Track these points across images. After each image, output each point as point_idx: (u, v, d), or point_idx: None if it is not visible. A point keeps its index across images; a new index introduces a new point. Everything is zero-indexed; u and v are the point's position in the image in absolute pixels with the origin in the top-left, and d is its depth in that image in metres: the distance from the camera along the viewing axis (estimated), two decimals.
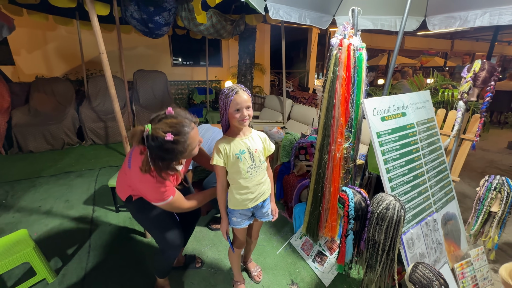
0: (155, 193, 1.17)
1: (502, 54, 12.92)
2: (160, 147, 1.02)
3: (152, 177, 1.12)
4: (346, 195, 1.32)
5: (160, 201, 1.18)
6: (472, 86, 1.64)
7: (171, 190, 1.21)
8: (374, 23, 2.45)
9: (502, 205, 1.60)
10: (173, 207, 1.25)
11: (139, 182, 1.18)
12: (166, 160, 1.08)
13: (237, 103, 1.13)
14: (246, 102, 1.14)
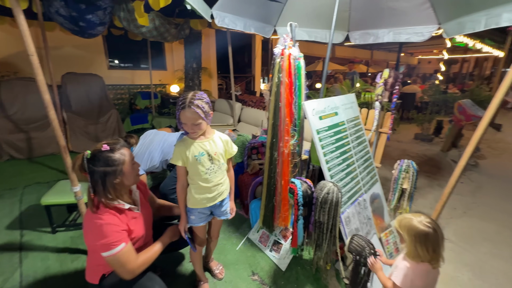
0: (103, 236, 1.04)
1: (408, 63, 15.88)
2: (98, 161, 1.06)
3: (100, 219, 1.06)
4: (295, 185, 1.51)
5: (108, 248, 1.04)
6: (384, 89, 2.05)
7: (123, 236, 1.08)
8: (309, 35, 2.79)
9: (410, 182, 2.04)
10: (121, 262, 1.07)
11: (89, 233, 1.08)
12: (108, 176, 1.07)
13: (182, 118, 1.20)
14: (192, 120, 1.18)
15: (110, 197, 1.09)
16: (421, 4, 2.06)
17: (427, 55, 13.55)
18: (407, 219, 1.11)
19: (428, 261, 1.05)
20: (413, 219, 1.09)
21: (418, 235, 1.04)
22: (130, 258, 1.10)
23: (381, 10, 2.30)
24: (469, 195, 3.26)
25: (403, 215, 1.16)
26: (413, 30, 2.27)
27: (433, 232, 1.04)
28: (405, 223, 1.10)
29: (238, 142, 2.52)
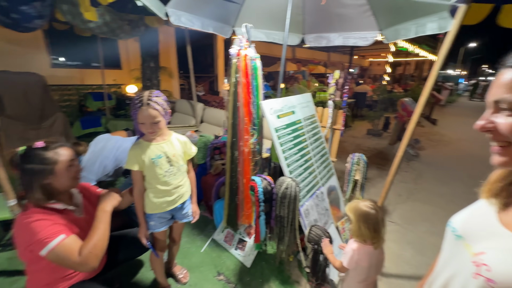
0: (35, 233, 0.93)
1: (361, 65, 17.27)
2: (28, 158, 0.98)
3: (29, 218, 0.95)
4: (255, 182, 1.55)
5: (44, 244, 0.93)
6: (335, 89, 2.22)
7: (60, 229, 0.98)
8: (267, 36, 2.87)
9: (361, 174, 2.24)
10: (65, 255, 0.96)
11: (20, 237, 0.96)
12: (35, 175, 0.98)
13: (140, 117, 1.15)
14: (150, 119, 1.15)
15: (39, 198, 0.99)
16: (364, 12, 2.27)
17: (376, 58, 14.88)
18: (354, 203, 1.25)
19: (371, 240, 1.18)
20: (359, 203, 1.23)
21: (362, 215, 1.18)
22: (74, 248, 0.98)
23: (331, 15, 2.48)
24: (412, 182, 3.69)
25: (351, 202, 1.28)
26: (359, 35, 2.49)
27: (374, 213, 1.18)
28: (352, 206, 1.24)
29: (200, 143, 2.48)
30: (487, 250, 0.54)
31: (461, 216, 0.67)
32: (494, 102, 0.50)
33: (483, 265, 0.52)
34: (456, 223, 0.66)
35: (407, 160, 4.52)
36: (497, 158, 0.51)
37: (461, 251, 0.60)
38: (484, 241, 0.57)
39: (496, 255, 0.52)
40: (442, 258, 0.69)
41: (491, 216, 0.59)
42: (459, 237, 0.62)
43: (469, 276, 0.54)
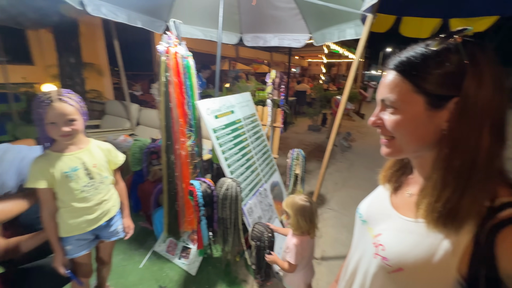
0: None
1: (301, 65, 18.48)
2: None
3: None
4: (194, 186, 1.49)
5: None
6: (273, 88, 2.30)
7: None
8: (205, 34, 2.79)
9: (301, 168, 2.38)
10: None
11: None
12: None
13: (51, 116, 0.97)
14: (64, 116, 0.98)
15: None
16: (295, 15, 2.41)
17: (314, 59, 16.15)
18: (290, 198, 1.32)
19: (307, 230, 1.27)
20: (295, 197, 1.30)
21: (299, 209, 1.26)
22: None
23: (266, 16, 2.55)
24: (346, 171, 4.12)
25: (287, 198, 1.34)
26: (292, 37, 2.63)
27: (309, 205, 1.27)
28: (289, 201, 1.30)
29: (135, 148, 2.26)
30: (383, 231, 0.60)
31: (365, 202, 0.74)
32: (381, 101, 0.54)
33: (379, 245, 0.57)
34: (362, 209, 0.72)
35: (341, 151, 5.03)
36: (384, 150, 0.56)
37: (366, 234, 0.66)
38: (381, 223, 0.62)
39: (388, 235, 0.58)
40: (353, 242, 0.75)
41: (386, 200, 0.65)
42: (364, 222, 0.68)
43: (371, 256, 0.59)
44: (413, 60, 0.47)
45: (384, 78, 0.54)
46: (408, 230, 0.54)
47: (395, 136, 0.52)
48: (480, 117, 0.43)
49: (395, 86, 0.49)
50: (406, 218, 0.56)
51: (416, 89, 0.47)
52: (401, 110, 0.50)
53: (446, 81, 0.44)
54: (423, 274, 0.50)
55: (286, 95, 6.28)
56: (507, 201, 0.43)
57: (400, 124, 0.50)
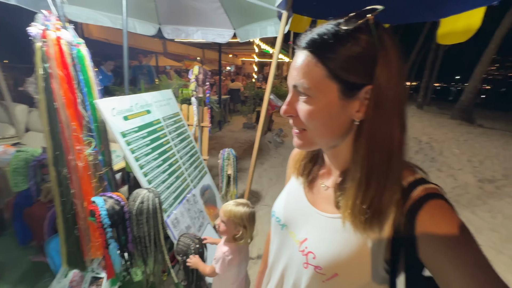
0: None
1: (235, 64, 18.59)
2: None
3: None
4: (96, 205, 1.21)
5: None
6: (196, 85, 2.14)
7: None
8: (113, 21, 2.38)
9: (232, 168, 2.31)
10: None
11: None
12: None
13: None
14: None
15: None
16: (217, 8, 2.30)
17: (247, 58, 16.46)
18: (229, 207, 1.20)
19: (249, 238, 1.20)
20: (234, 207, 1.19)
21: (242, 217, 1.17)
22: None
23: (186, 7, 2.35)
24: (280, 166, 4.30)
25: (223, 206, 1.23)
26: (216, 32, 2.51)
27: (248, 210, 1.20)
28: (226, 210, 1.19)
29: (18, 161, 1.74)
30: (308, 235, 0.54)
31: (280, 202, 0.66)
32: (293, 87, 0.47)
33: (309, 253, 0.51)
34: (278, 211, 0.64)
35: (275, 147, 5.24)
36: (297, 141, 0.51)
37: (288, 240, 0.59)
38: (303, 225, 0.56)
39: (315, 239, 0.52)
40: (273, 249, 0.66)
41: (301, 197, 0.60)
42: (284, 226, 0.61)
43: (300, 266, 0.53)
44: (326, 39, 0.42)
45: (295, 59, 0.47)
46: (334, 229, 0.50)
47: (308, 127, 0.47)
48: (392, 107, 0.42)
49: (309, 70, 0.44)
50: (328, 215, 0.52)
51: (329, 75, 0.42)
52: (315, 98, 0.45)
53: (359, 66, 0.41)
54: (358, 272, 0.47)
55: (219, 93, 6.17)
56: (413, 180, 0.44)
57: (314, 114, 0.45)
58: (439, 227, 0.39)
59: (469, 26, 1.39)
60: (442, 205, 0.41)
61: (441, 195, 0.42)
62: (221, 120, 6.12)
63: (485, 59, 8.33)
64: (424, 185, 0.43)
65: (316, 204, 0.56)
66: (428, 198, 0.41)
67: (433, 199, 0.41)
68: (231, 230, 1.19)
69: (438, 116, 10.15)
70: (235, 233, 1.19)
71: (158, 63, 9.46)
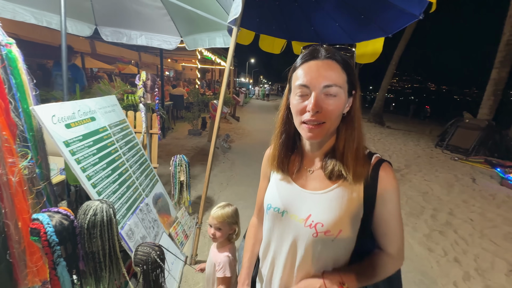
0: None
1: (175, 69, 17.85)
2: None
3: None
4: (40, 222, 1.09)
5: None
6: (144, 91, 2.08)
7: None
8: (38, 18, 2.09)
9: (185, 174, 2.30)
10: None
11: None
12: None
13: None
14: None
15: None
16: (163, 15, 2.29)
17: (188, 63, 16.07)
18: (219, 213, 1.29)
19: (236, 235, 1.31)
20: (222, 210, 1.30)
21: (232, 216, 1.29)
22: None
23: (128, 10, 2.26)
24: (229, 170, 4.40)
25: (212, 214, 1.30)
26: (162, 38, 2.49)
27: (235, 207, 1.34)
28: (218, 215, 1.28)
29: None
30: (310, 211, 0.67)
31: (272, 196, 0.76)
32: (323, 87, 0.60)
33: (317, 223, 0.64)
34: (275, 203, 0.74)
35: (223, 152, 5.33)
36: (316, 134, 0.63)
37: (290, 223, 0.69)
38: (302, 206, 0.68)
39: (318, 212, 0.66)
40: (275, 237, 0.75)
41: (292, 185, 0.72)
42: (284, 212, 0.71)
43: (309, 238, 0.65)
44: (342, 56, 0.63)
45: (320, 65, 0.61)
46: (328, 200, 0.66)
47: (330, 119, 0.62)
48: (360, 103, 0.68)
49: (338, 75, 0.61)
50: (320, 192, 0.67)
51: (347, 79, 0.62)
52: (340, 96, 0.61)
53: (354, 77, 0.64)
54: (353, 223, 0.65)
55: (162, 99, 5.89)
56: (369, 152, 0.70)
57: (338, 109, 0.62)
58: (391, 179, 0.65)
59: (374, 50, 1.83)
60: (389, 166, 0.67)
61: (385, 159, 0.68)
62: (164, 127, 5.85)
63: (388, 73, 10.44)
64: (375, 155, 0.69)
65: (306, 187, 0.70)
66: (382, 162, 0.67)
67: (384, 162, 0.67)
68: (226, 232, 1.28)
69: None
70: (231, 233, 1.29)
71: (85, 64, 8.38)
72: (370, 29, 1.74)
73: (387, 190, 0.64)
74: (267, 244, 0.79)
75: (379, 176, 0.64)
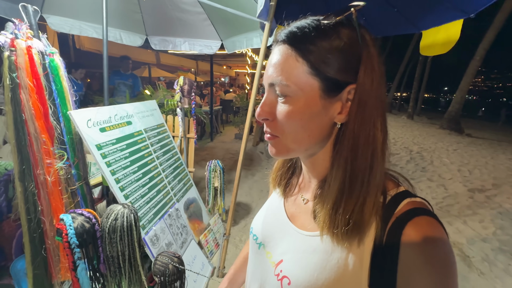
0: None
1: (229, 75, 18.80)
2: None
3: None
4: (63, 223, 1.13)
5: None
6: (181, 96, 2.10)
7: None
8: (98, 32, 2.35)
9: (219, 180, 2.24)
10: None
11: None
12: None
13: None
14: None
15: None
16: (204, 20, 2.30)
17: (240, 69, 16.69)
18: None
19: None
20: None
21: None
22: None
23: (172, 19, 2.35)
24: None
25: None
26: (204, 43, 2.51)
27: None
28: None
29: None
30: (283, 256, 0.49)
31: (259, 218, 0.62)
32: (269, 85, 0.44)
33: (284, 277, 0.46)
34: (256, 228, 0.60)
35: (267, 158, 5.20)
36: (272, 149, 0.47)
37: (264, 262, 0.54)
38: (279, 244, 0.52)
39: (291, 261, 0.48)
40: (250, 271, 0.61)
41: (280, 211, 0.56)
42: (261, 245, 0.56)
43: None
44: (306, 32, 0.40)
45: (272, 56, 0.43)
46: (311, 249, 0.45)
47: (286, 131, 0.43)
48: (375, 108, 0.40)
49: (288, 66, 0.40)
50: (305, 233, 0.48)
51: (311, 70, 0.39)
52: (294, 97, 0.41)
53: (342, 62, 0.39)
54: None
55: (211, 103, 6.15)
56: (396, 193, 0.41)
57: (294, 116, 0.41)
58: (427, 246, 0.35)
59: (449, 38, 1.41)
60: (431, 222, 0.37)
61: (429, 210, 0.39)
62: (212, 131, 6.08)
63: (470, 71, 8.62)
64: (410, 199, 0.40)
65: (295, 220, 0.52)
66: (415, 214, 0.38)
67: (420, 215, 0.38)
68: None
69: (428, 126, 10.35)
70: None
71: (151, 74, 9.48)
72: (442, 11, 1.34)
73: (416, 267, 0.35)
74: (248, 271, 0.63)
75: (403, 237, 0.37)
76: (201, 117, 3.32)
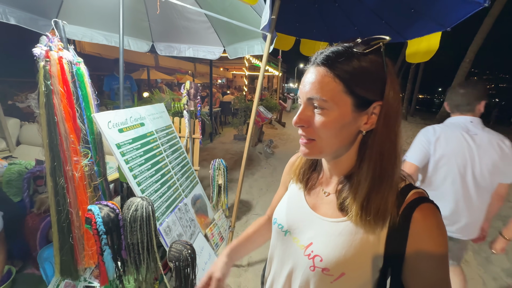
0: None
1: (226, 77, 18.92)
2: None
3: None
4: (92, 212, 1.27)
5: None
6: (188, 99, 2.25)
7: None
8: (108, 39, 2.50)
9: (223, 177, 2.39)
10: None
11: None
12: None
13: None
14: None
15: None
16: (207, 28, 2.46)
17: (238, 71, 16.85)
18: None
19: None
20: None
21: None
22: None
23: (178, 27, 2.51)
24: (270, 176, 4.39)
25: None
26: (207, 49, 2.67)
27: None
28: None
29: (11, 173, 1.77)
30: (312, 239, 0.57)
31: (281, 209, 0.69)
32: (307, 99, 0.52)
33: (315, 256, 0.54)
34: (281, 218, 0.67)
35: (266, 158, 5.36)
36: (305, 150, 0.55)
37: (292, 246, 0.62)
38: (306, 231, 0.59)
39: (320, 243, 0.55)
40: (276, 255, 0.68)
41: (302, 203, 0.63)
42: (287, 232, 0.64)
43: (307, 270, 0.56)
44: (343, 59, 0.49)
45: (309, 74, 0.52)
46: (337, 232, 0.54)
47: (321, 137, 0.52)
48: (396, 119, 0.51)
49: (326, 84, 0.49)
50: (330, 220, 0.57)
51: (346, 90, 0.48)
52: (330, 110, 0.50)
53: (371, 84, 0.49)
54: (362, 269, 0.52)
55: (210, 105, 6.30)
56: (405, 185, 0.53)
57: (329, 125, 0.50)
58: (430, 226, 0.49)
59: (429, 48, 1.59)
60: (432, 208, 0.50)
61: (429, 198, 0.52)
62: (212, 132, 6.22)
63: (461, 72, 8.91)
64: (415, 190, 0.52)
65: (317, 210, 0.60)
66: (420, 202, 0.50)
67: (424, 202, 0.50)
68: None
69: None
70: None
71: (150, 76, 9.59)
72: (423, 24, 1.52)
73: (422, 240, 0.48)
74: (271, 258, 0.73)
75: (413, 219, 0.49)
76: (204, 119, 3.47)
